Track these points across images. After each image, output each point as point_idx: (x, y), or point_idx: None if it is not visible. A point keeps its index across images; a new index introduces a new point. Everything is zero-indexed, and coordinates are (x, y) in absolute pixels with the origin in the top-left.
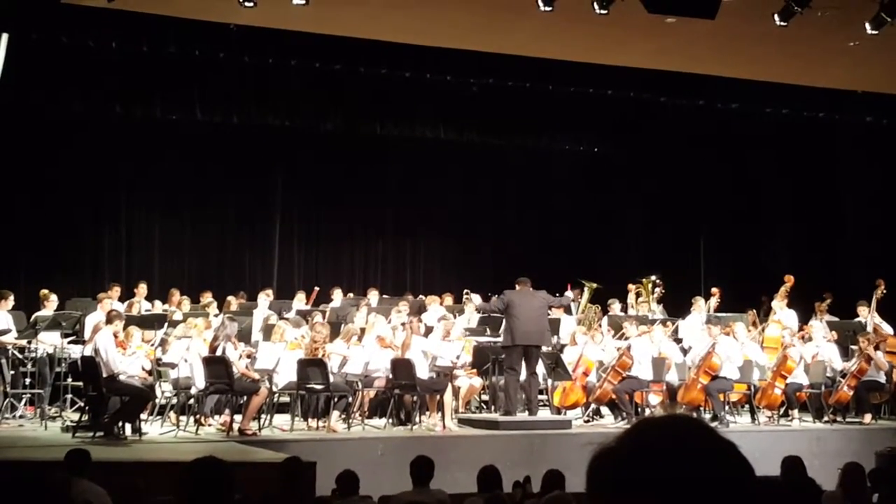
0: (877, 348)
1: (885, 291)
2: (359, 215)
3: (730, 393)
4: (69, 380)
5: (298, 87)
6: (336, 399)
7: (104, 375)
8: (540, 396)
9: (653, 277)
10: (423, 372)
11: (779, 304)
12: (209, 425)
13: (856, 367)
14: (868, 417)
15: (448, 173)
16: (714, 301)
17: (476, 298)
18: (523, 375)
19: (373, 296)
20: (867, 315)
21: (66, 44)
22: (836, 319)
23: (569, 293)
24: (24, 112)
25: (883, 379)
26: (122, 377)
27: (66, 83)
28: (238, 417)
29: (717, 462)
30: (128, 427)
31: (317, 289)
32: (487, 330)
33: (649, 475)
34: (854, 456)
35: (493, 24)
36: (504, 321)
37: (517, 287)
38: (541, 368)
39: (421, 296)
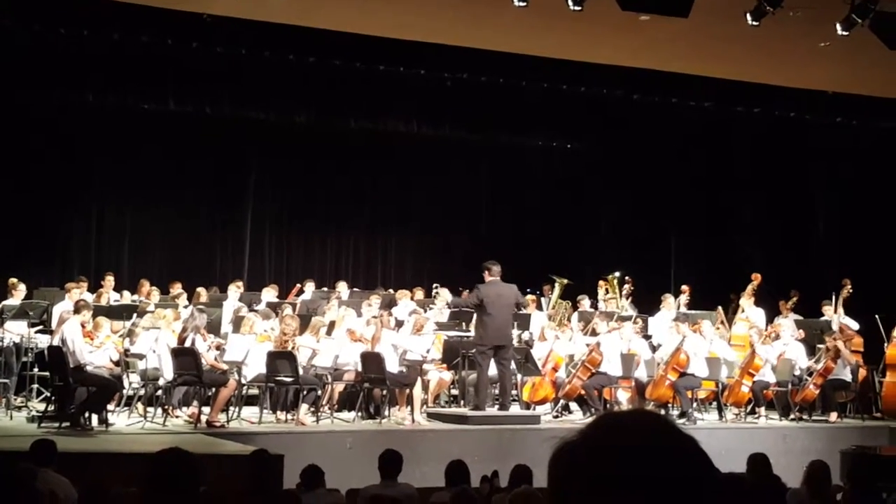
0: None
1: (850, 291)
2: (331, 208)
3: (698, 390)
4: (36, 370)
5: (272, 79)
6: (305, 392)
7: (71, 366)
8: None
9: (617, 274)
10: (392, 366)
11: (746, 301)
12: (177, 417)
13: (822, 366)
14: (834, 416)
15: (421, 167)
16: (684, 298)
17: (445, 293)
18: (492, 370)
19: (342, 288)
20: (832, 314)
21: (37, 32)
22: (801, 318)
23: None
24: None
25: (849, 378)
26: (89, 368)
27: (38, 72)
28: (206, 409)
29: (677, 457)
30: (94, 418)
31: (298, 286)
32: (463, 325)
33: (609, 470)
34: (819, 454)
35: (468, 19)
36: (476, 317)
37: (487, 276)
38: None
39: (391, 290)
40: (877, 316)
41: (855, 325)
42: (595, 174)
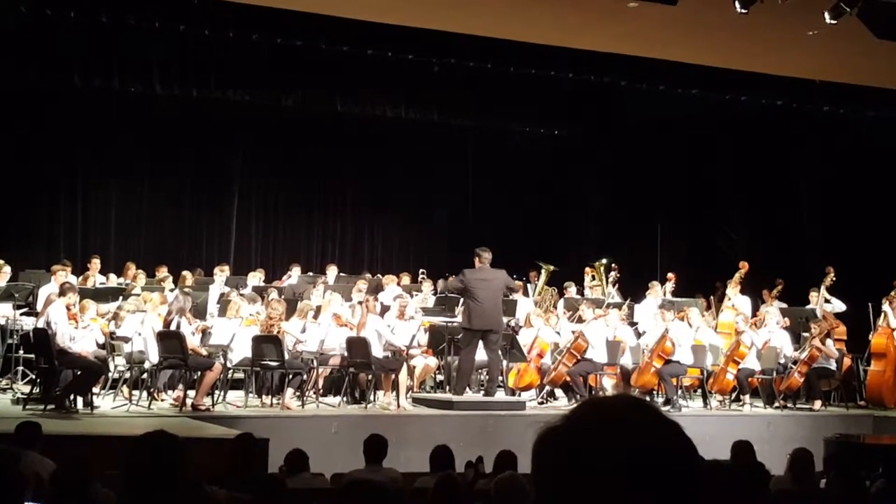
0: (827, 335)
1: (834, 279)
2: (317, 193)
3: (683, 377)
4: (21, 352)
5: (259, 62)
6: (291, 376)
7: (56, 348)
8: None
9: (604, 261)
10: (378, 351)
11: (733, 289)
12: (162, 400)
13: (807, 354)
14: (818, 404)
15: (408, 152)
16: (670, 286)
17: (438, 284)
18: (482, 356)
19: (332, 272)
20: (818, 302)
21: (24, 14)
22: (786, 306)
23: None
24: None
25: (833, 366)
26: (74, 350)
27: (25, 54)
28: (191, 393)
29: (661, 443)
30: (79, 400)
31: (287, 275)
32: (455, 309)
33: (592, 455)
34: (803, 442)
35: (456, 4)
36: (462, 302)
37: (477, 262)
38: None
39: (378, 275)
40: (870, 304)
41: (842, 307)
42: (582, 160)
